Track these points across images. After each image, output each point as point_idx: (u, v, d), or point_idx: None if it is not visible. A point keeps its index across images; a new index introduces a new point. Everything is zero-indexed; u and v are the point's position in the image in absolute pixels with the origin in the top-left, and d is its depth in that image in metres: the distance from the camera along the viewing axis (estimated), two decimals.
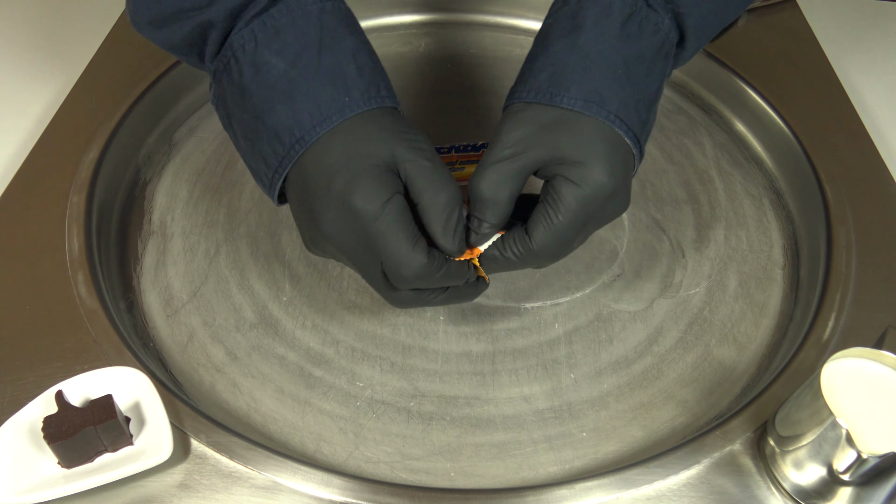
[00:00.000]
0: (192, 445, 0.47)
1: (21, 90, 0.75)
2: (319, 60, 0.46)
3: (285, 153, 0.46)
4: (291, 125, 0.46)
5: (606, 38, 0.47)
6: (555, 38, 0.48)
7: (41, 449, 0.46)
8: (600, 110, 0.46)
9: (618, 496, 0.46)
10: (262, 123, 0.47)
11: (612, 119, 0.46)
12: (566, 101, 0.46)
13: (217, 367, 0.55)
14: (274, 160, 0.47)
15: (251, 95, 0.47)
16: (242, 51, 0.47)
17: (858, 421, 0.41)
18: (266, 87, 0.46)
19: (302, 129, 0.46)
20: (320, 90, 0.46)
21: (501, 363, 0.55)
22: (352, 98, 0.46)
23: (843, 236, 0.59)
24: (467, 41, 0.82)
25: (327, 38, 0.47)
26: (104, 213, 0.62)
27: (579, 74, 0.46)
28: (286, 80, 0.46)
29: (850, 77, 0.78)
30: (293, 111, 0.46)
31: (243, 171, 0.67)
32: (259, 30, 0.46)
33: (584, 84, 0.46)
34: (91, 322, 0.53)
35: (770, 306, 0.59)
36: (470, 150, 0.66)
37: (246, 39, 0.47)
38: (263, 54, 0.46)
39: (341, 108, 0.46)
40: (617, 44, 0.47)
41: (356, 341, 0.56)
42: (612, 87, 0.46)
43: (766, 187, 0.68)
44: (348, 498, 0.45)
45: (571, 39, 0.47)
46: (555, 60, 0.48)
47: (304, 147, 0.46)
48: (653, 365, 0.55)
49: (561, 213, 0.45)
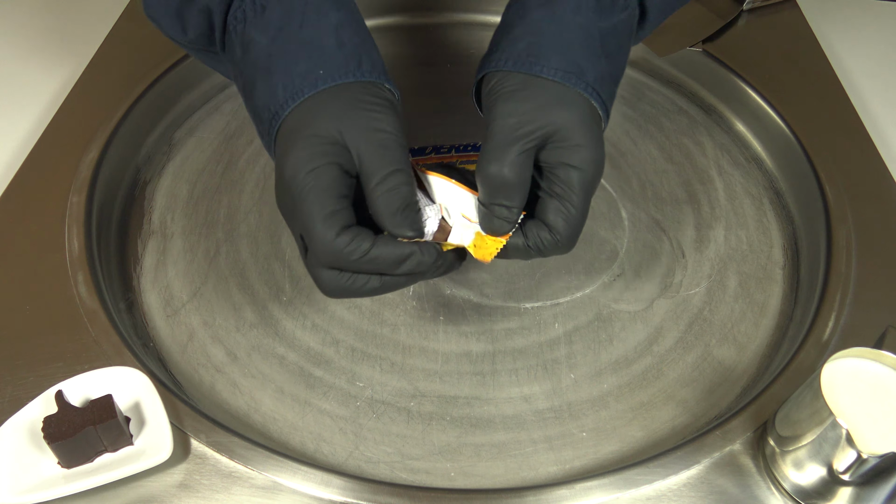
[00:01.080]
0: (192, 445, 0.47)
1: (21, 90, 0.75)
2: (300, 34, 0.45)
3: (266, 130, 0.46)
4: (268, 101, 0.45)
5: (583, 10, 0.47)
6: (533, 6, 0.48)
7: (41, 449, 0.46)
8: (579, 81, 0.46)
9: (618, 496, 0.46)
10: (251, 101, 0.47)
11: (590, 91, 0.46)
12: (546, 70, 0.46)
13: (217, 367, 0.55)
14: (263, 139, 0.47)
15: (241, 74, 0.47)
16: (234, 31, 0.47)
17: (858, 421, 0.41)
18: (251, 65, 0.46)
19: (276, 104, 0.45)
20: (295, 63, 0.45)
21: (501, 363, 0.55)
22: (326, 71, 0.45)
23: (843, 236, 0.59)
24: (467, 41, 0.82)
25: (310, 12, 0.46)
26: (104, 213, 0.62)
27: (559, 45, 0.46)
28: (266, 56, 0.46)
29: (850, 77, 0.78)
30: (270, 86, 0.45)
31: (243, 171, 0.68)
32: (249, 8, 0.46)
33: (565, 55, 0.46)
34: (91, 322, 0.53)
35: (770, 306, 0.59)
36: (470, 150, 0.66)
37: (238, 19, 0.47)
38: (250, 32, 0.46)
39: (314, 81, 0.45)
40: (594, 16, 0.47)
41: (356, 341, 0.56)
42: (589, 58, 0.47)
43: (766, 187, 0.68)
44: (348, 498, 0.45)
45: (549, 9, 0.47)
46: (534, 29, 0.47)
47: (278, 123, 0.45)
48: (653, 365, 0.55)
49: (575, 202, 0.45)
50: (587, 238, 0.63)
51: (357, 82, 0.45)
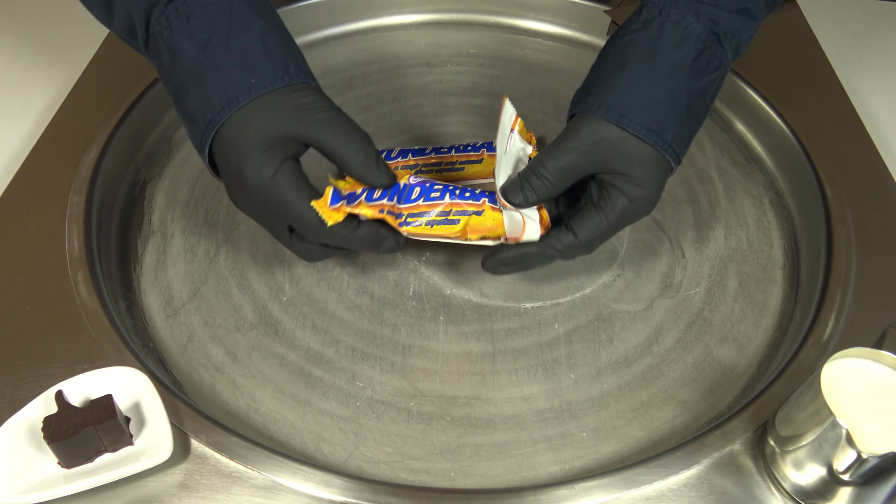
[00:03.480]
0: (192, 445, 0.47)
1: (21, 90, 0.75)
2: (228, 44, 0.48)
3: (201, 134, 0.49)
4: (204, 108, 0.48)
5: (678, 72, 0.50)
6: (633, 60, 0.51)
7: (41, 449, 0.46)
8: (658, 140, 0.50)
9: (618, 496, 0.46)
10: (182, 107, 0.50)
11: (667, 149, 0.50)
12: (632, 126, 0.49)
13: (217, 367, 0.55)
14: (196, 141, 0.50)
15: (170, 80, 0.50)
16: (161, 37, 0.49)
17: (858, 421, 0.41)
18: (181, 72, 0.49)
19: (212, 112, 0.48)
20: (228, 73, 0.48)
21: (501, 363, 0.55)
22: (257, 79, 0.48)
23: (843, 236, 0.59)
24: (467, 41, 0.82)
25: (236, 22, 0.49)
26: (104, 213, 0.62)
27: (648, 106, 0.50)
28: (197, 64, 0.48)
29: (850, 77, 0.78)
30: (204, 94, 0.48)
31: None
32: (173, 16, 0.48)
33: (651, 114, 0.50)
34: (91, 322, 0.53)
35: (770, 306, 0.59)
36: (470, 150, 0.66)
37: (163, 26, 0.49)
38: (177, 40, 0.48)
39: (248, 89, 0.48)
40: (685, 79, 0.50)
41: (356, 341, 0.56)
42: (672, 119, 0.50)
43: (766, 187, 0.68)
44: (348, 498, 0.45)
45: (647, 67, 0.50)
46: (629, 84, 0.50)
47: (214, 129, 0.48)
48: (653, 365, 0.55)
49: (610, 217, 0.51)
50: None
51: (286, 87, 0.49)
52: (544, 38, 0.83)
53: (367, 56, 0.80)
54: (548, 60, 0.81)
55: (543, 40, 0.83)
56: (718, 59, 0.51)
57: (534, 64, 0.80)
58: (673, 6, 0.51)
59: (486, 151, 0.66)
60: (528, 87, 0.77)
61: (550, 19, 0.83)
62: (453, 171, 0.66)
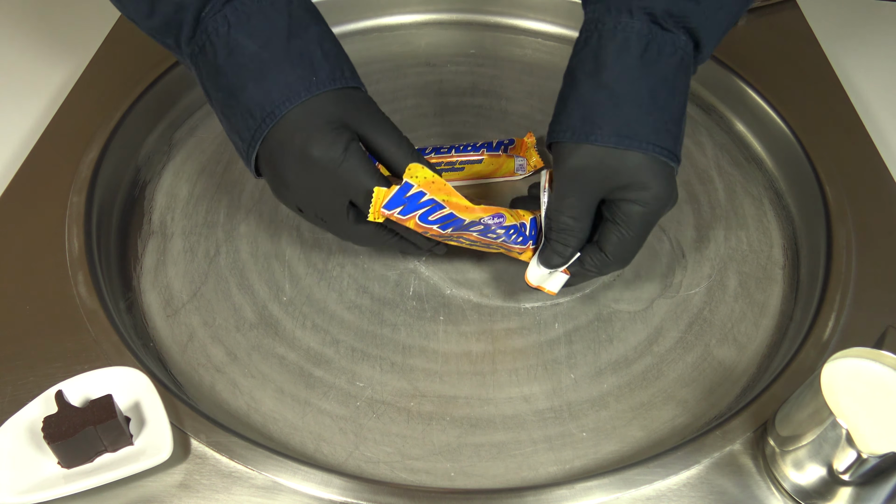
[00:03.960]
0: (192, 445, 0.47)
1: (21, 90, 0.75)
2: (288, 45, 0.50)
3: (256, 126, 0.50)
4: (262, 101, 0.50)
5: (629, 71, 0.50)
6: (581, 78, 0.52)
7: (41, 449, 0.46)
8: (632, 142, 0.50)
9: (618, 496, 0.46)
10: (235, 100, 0.50)
11: (647, 146, 0.50)
12: (600, 139, 0.50)
13: (217, 367, 0.55)
14: (247, 133, 0.51)
15: (225, 75, 0.50)
16: (216, 33, 0.50)
17: (858, 421, 0.41)
18: (238, 66, 0.50)
19: (272, 105, 0.50)
20: (290, 71, 0.50)
21: (501, 363, 0.55)
22: (318, 78, 0.50)
23: (843, 236, 0.59)
24: (467, 41, 0.82)
25: (295, 25, 0.51)
26: (104, 213, 0.62)
27: (608, 113, 0.50)
28: (258, 61, 0.50)
29: (850, 77, 0.78)
30: (264, 89, 0.50)
31: (243, 171, 0.68)
32: (231, 14, 0.50)
33: (614, 120, 0.50)
34: (91, 322, 0.53)
35: (770, 306, 0.59)
36: (470, 150, 0.66)
37: (219, 23, 0.50)
38: (236, 37, 0.50)
39: (308, 86, 0.50)
40: (639, 75, 0.50)
41: (356, 341, 0.56)
42: (640, 117, 0.50)
43: (766, 187, 0.68)
44: (348, 498, 0.45)
45: (596, 79, 0.51)
46: (584, 101, 0.51)
47: (274, 120, 0.50)
48: (653, 365, 0.55)
49: (631, 229, 0.51)
50: None
51: (343, 88, 0.52)
52: (544, 38, 0.83)
53: (367, 56, 0.80)
54: (548, 60, 0.81)
55: (543, 40, 0.83)
56: (671, 44, 0.50)
57: (534, 64, 0.80)
58: (606, 14, 0.51)
59: (486, 151, 0.66)
60: (528, 87, 0.77)
61: (550, 19, 0.83)
62: (453, 171, 0.66)
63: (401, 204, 0.50)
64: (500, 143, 0.67)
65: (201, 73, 0.52)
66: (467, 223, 0.52)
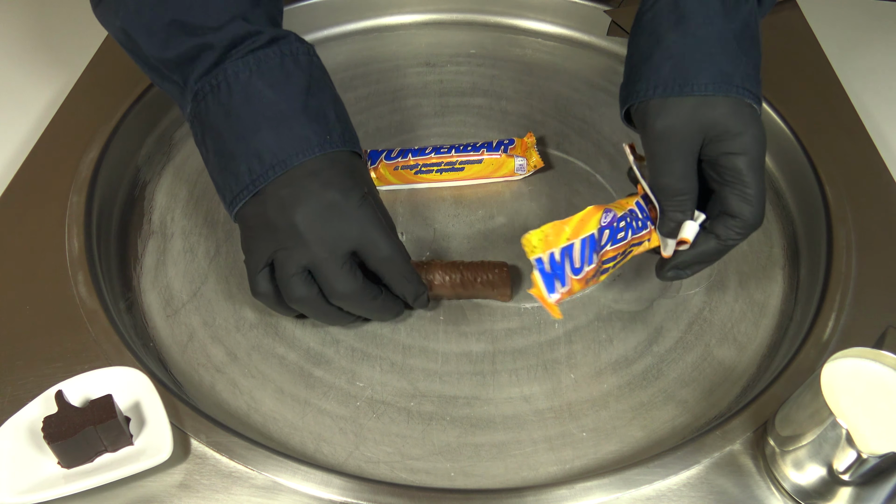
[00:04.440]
0: (192, 445, 0.47)
1: (21, 90, 0.75)
2: (307, 101, 0.52)
3: (262, 171, 0.50)
4: (275, 148, 0.50)
5: (713, 19, 0.50)
6: (664, 31, 0.51)
7: (41, 449, 0.46)
8: (730, 88, 0.50)
9: (618, 496, 0.46)
10: (244, 144, 0.51)
11: (741, 92, 0.50)
12: (696, 88, 0.50)
13: (217, 367, 0.55)
14: (247, 177, 0.51)
15: (237, 118, 0.51)
16: (236, 78, 0.51)
17: (858, 421, 0.41)
18: (254, 112, 0.51)
19: (285, 153, 0.50)
20: (307, 125, 0.51)
21: (501, 363, 0.55)
22: (332, 137, 0.52)
23: (843, 236, 0.59)
24: (467, 41, 0.82)
25: (314, 85, 0.53)
26: (104, 213, 0.62)
27: (702, 61, 0.50)
28: (275, 110, 0.51)
29: (850, 77, 0.78)
30: (278, 137, 0.51)
31: None
32: (254, 62, 0.51)
33: (709, 68, 0.50)
34: (91, 322, 0.53)
35: (770, 306, 0.59)
36: (470, 150, 0.66)
37: (240, 69, 0.51)
38: (257, 84, 0.51)
39: (322, 142, 0.51)
40: (723, 22, 0.50)
41: (356, 341, 0.56)
42: (732, 62, 0.50)
43: (766, 187, 0.68)
44: (348, 498, 0.45)
45: (682, 29, 0.50)
46: (673, 52, 0.51)
47: (285, 169, 0.50)
48: (653, 365, 0.55)
49: (748, 182, 0.50)
50: None
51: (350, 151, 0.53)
52: (544, 38, 0.83)
53: (367, 56, 0.80)
54: (548, 60, 0.81)
55: (543, 40, 0.83)
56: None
57: (534, 64, 0.80)
58: None
59: (486, 151, 0.66)
60: (528, 87, 0.77)
61: (550, 19, 0.83)
62: (453, 171, 0.66)
63: (553, 278, 0.48)
64: (500, 143, 0.67)
65: (207, 110, 0.52)
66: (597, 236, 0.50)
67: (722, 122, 0.49)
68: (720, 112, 0.49)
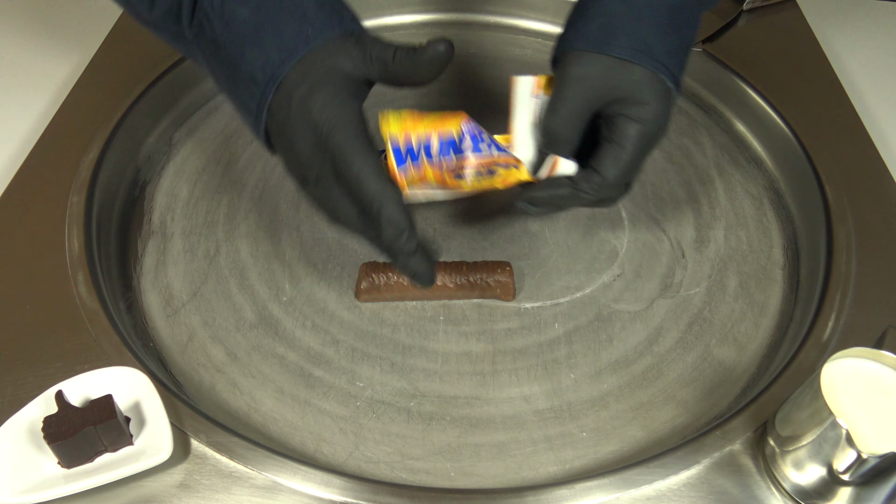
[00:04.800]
0: (192, 445, 0.47)
1: (21, 90, 0.75)
2: (281, 3, 0.48)
3: (261, 93, 0.48)
4: (263, 65, 0.48)
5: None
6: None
7: (41, 449, 0.46)
8: (646, 58, 0.50)
9: (618, 496, 0.46)
10: (237, 71, 0.49)
11: (658, 66, 0.50)
12: (615, 49, 0.50)
13: (217, 367, 0.55)
14: (253, 104, 0.49)
15: (224, 47, 0.49)
16: (211, 7, 0.49)
17: (858, 421, 0.41)
18: (236, 35, 0.48)
19: (272, 66, 0.48)
20: (284, 27, 0.48)
21: (501, 363, 0.55)
22: (314, 28, 0.48)
23: (843, 236, 0.59)
24: (467, 41, 0.82)
25: None
26: (104, 213, 0.62)
27: (628, 25, 0.50)
28: (252, 25, 0.48)
29: (850, 77, 0.78)
30: (262, 52, 0.48)
31: (243, 171, 0.68)
32: None
33: (633, 34, 0.50)
34: (91, 322, 0.53)
35: (770, 306, 0.59)
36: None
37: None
38: (230, 6, 0.48)
39: (306, 39, 0.48)
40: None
41: (356, 341, 0.56)
42: (658, 35, 0.50)
43: (766, 187, 0.68)
44: (348, 498, 0.45)
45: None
46: (605, 11, 0.51)
47: (277, 82, 0.48)
48: (653, 365, 0.55)
49: (626, 146, 0.50)
50: (587, 238, 0.63)
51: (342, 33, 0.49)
52: (544, 38, 0.83)
53: None
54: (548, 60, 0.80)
55: (543, 40, 0.83)
56: None
57: (534, 64, 0.80)
58: None
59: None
60: None
61: (550, 19, 0.83)
62: None
63: (407, 155, 0.48)
64: None
65: (205, 54, 0.50)
66: (457, 141, 0.50)
67: (629, 88, 0.50)
68: (633, 79, 0.50)
